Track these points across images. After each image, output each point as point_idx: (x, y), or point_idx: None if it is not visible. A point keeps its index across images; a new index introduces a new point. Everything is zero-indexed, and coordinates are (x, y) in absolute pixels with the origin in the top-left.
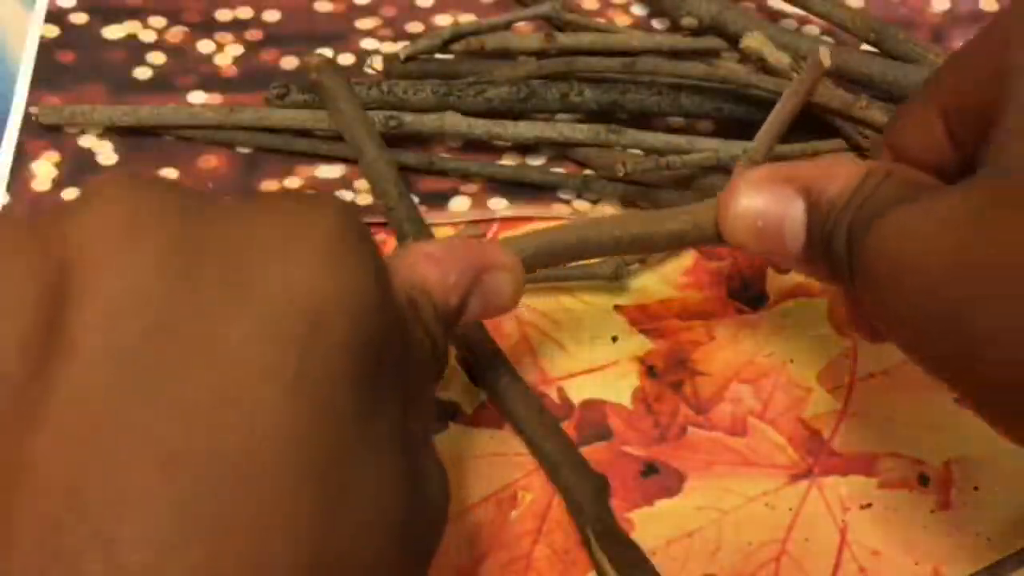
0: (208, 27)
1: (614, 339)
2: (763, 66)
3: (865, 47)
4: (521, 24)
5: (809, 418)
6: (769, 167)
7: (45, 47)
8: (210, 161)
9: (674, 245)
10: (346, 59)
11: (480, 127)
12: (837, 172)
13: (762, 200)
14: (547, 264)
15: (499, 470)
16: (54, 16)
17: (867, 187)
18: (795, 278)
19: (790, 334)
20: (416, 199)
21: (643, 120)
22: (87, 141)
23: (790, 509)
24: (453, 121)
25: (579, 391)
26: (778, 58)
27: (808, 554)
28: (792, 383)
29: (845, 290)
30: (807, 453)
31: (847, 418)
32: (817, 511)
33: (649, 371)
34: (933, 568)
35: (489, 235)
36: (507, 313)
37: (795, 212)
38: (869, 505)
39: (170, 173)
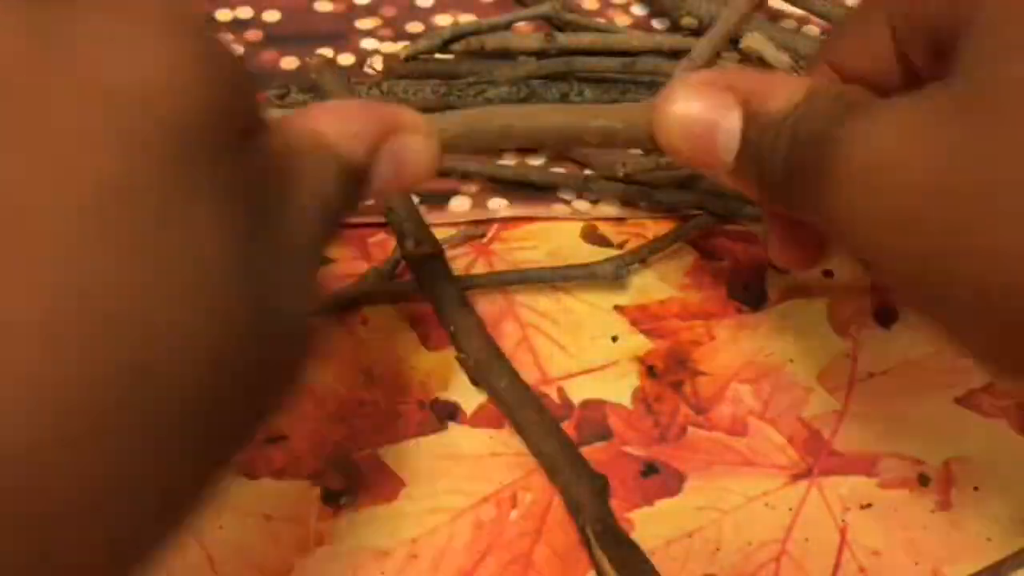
0: (208, 27)
1: (614, 339)
2: (763, 66)
3: None
4: (521, 24)
5: (809, 418)
6: (709, 72)
7: None
8: None
9: (605, 143)
10: (346, 59)
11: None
12: (780, 86)
13: (698, 106)
14: (469, 149)
15: (499, 470)
16: None
17: (815, 103)
18: (795, 278)
19: (790, 334)
20: (416, 199)
21: None
22: None
23: (790, 509)
24: None
25: (579, 391)
26: (778, 58)
27: (808, 554)
28: (792, 383)
29: (771, 207)
30: (807, 453)
31: (847, 418)
32: (817, 511)
33: (649, 371)
34: (933, 568)
35: (489, 235)
36: (421, 182)
37: (731, 122)
38: (869, 505)
39: None
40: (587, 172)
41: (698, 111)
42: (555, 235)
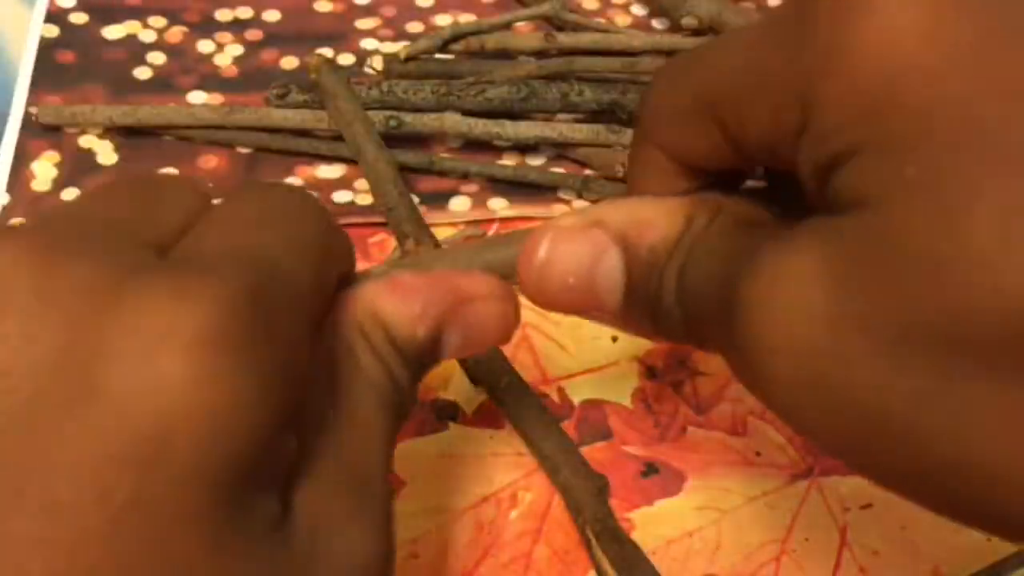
0: (208, 27)
1: (614, 339)
2: None
3: None
4: (521, 24)
5: None
6: (577, 213)
7: (45, 47)
8: (210, 161)
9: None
10: (346, 59)
11: (480, 127)
12: (655, 216)
13: (568, 251)
14: None
15: (499, 470)
16: (54, 16)
17: (694, 231)
18: None
19: None
20: (416, 199)
21: None
22: (87, 141)
23: (790, 509)
24: (453, 121)
25: (579, 391)
26: None
27: (808, 554)
28: None
29: (676, 341)
30: (807, 453)
31: None
32: (817, 511)
33: (649, 371)
34: (933, 568)
35: (489, 235)
36: (503, 344)
37: (609, 262)
38: (869, 505)
39: (170, 173)
40: (587, 172)
41: (572, 256)
42: None
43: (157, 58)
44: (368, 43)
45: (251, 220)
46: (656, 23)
